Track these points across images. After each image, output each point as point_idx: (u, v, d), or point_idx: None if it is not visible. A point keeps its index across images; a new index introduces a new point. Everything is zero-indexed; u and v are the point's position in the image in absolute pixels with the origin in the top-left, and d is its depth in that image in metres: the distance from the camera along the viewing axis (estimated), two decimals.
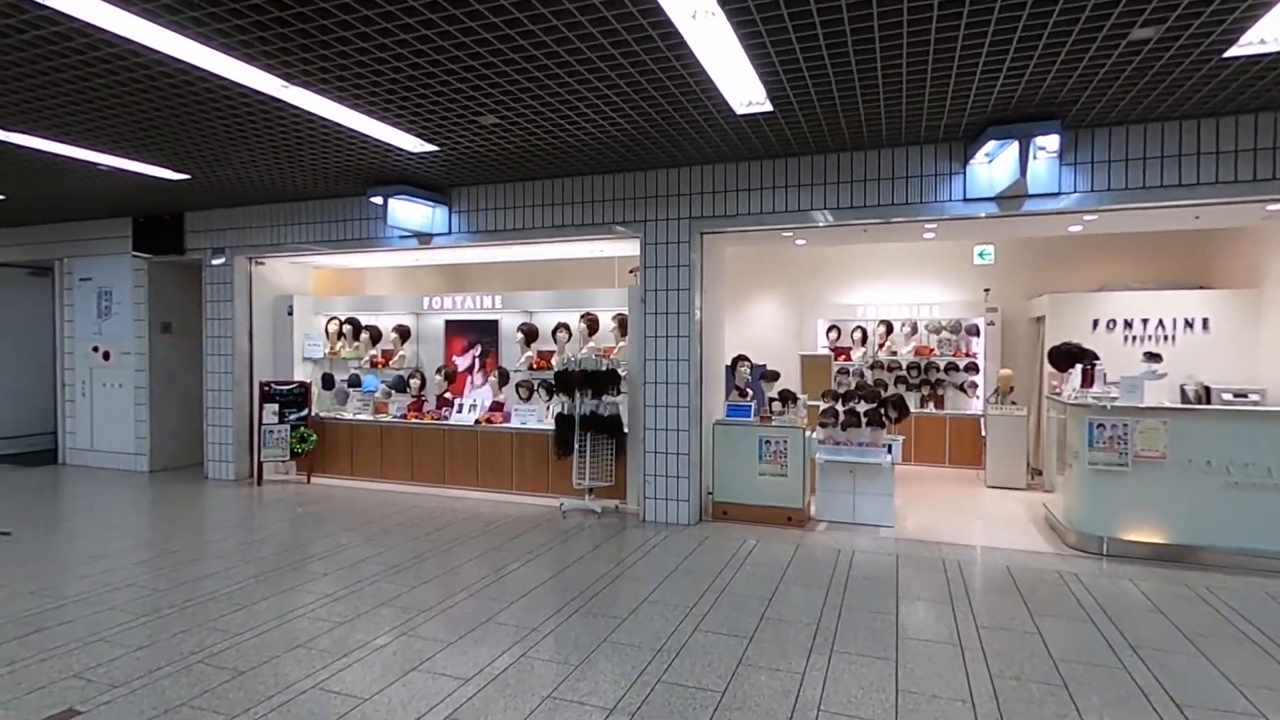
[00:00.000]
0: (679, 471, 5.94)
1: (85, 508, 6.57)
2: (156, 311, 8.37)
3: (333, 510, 6.43)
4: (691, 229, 5.89)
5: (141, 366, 8.34)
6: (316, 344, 8.17)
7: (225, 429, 7.88)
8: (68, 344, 8.88)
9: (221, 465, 7.91)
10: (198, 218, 7.99)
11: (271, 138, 5.14)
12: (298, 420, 7.72)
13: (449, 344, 7.97)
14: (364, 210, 7.12)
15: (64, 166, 5.99)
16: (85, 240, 8.67)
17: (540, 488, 6.85)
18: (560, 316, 7.28)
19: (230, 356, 7.82)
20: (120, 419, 8.51)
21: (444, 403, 7.60)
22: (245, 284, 7.89)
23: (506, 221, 6.55)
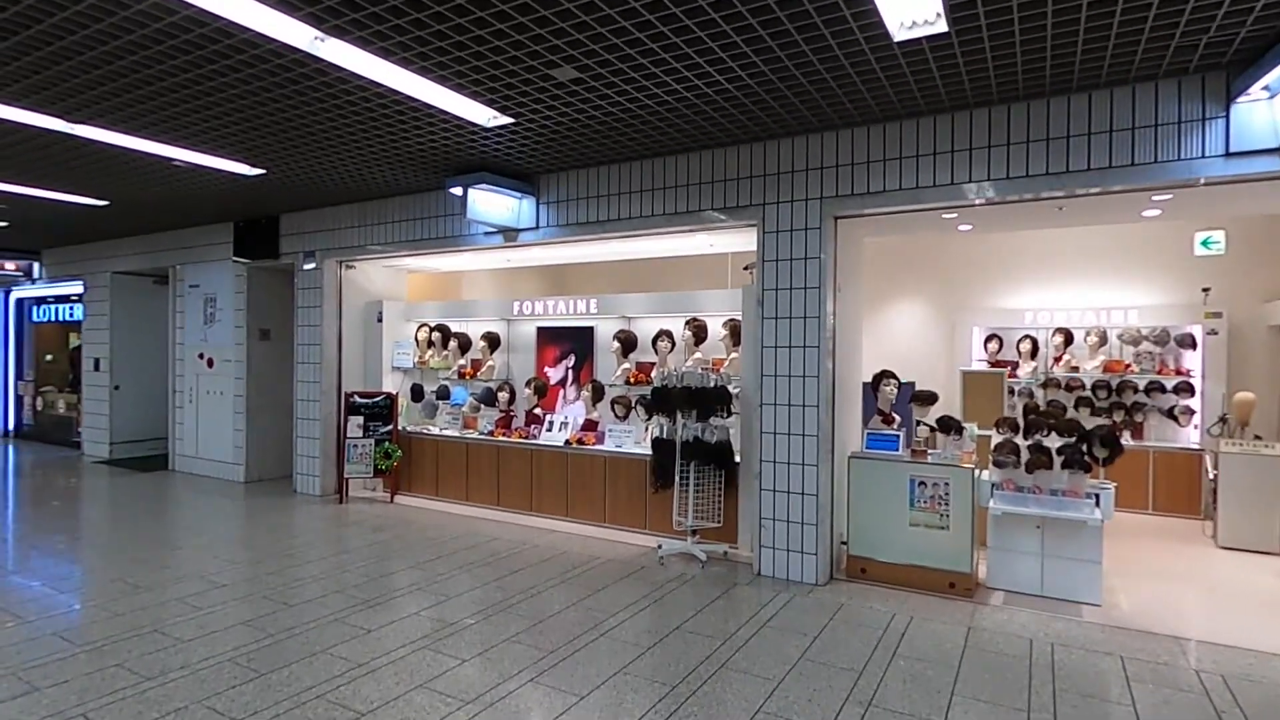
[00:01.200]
0: (804, 516, 4.73)
1: (155, 524, 6.28)
2: (255, 318, 8.19)
3: (412, 538, 5.74)
4: (822, 212, 4.70)
5: (240, 374, 8.18)
6: (406, 353, 7.65)
7: (312, 441, 7.50)
8: (179, 350, 8.93)
9: (308, 479, 7.52)
10: (291, 220, 7.70)
11: (340, 117, 4.49)
12: (382, 435, 7.19)
13: (540, 354, 7.18)
14: (446, 206, 6.46)
15: (143, 165, 5.72)
16: (194, 247, 8.67)
17: (635, 522, 5.86)
18: (662, 322, 6.27)
19: (318, 365, 7.44)
20: (220, 427, 8.40)
21: (533, 419, 6.79)
22: (335, 289, 7.48)
23: (600, 212, 5.63)
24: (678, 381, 5.19)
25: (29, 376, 12.05)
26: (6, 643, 3.63)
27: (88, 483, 8.14)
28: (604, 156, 5.38)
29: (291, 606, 4.18)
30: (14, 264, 10.85)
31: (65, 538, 5.74)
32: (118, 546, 5.49)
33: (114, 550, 5.38)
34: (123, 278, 9.78)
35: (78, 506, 7.01)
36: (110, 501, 7.25)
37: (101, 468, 9.05)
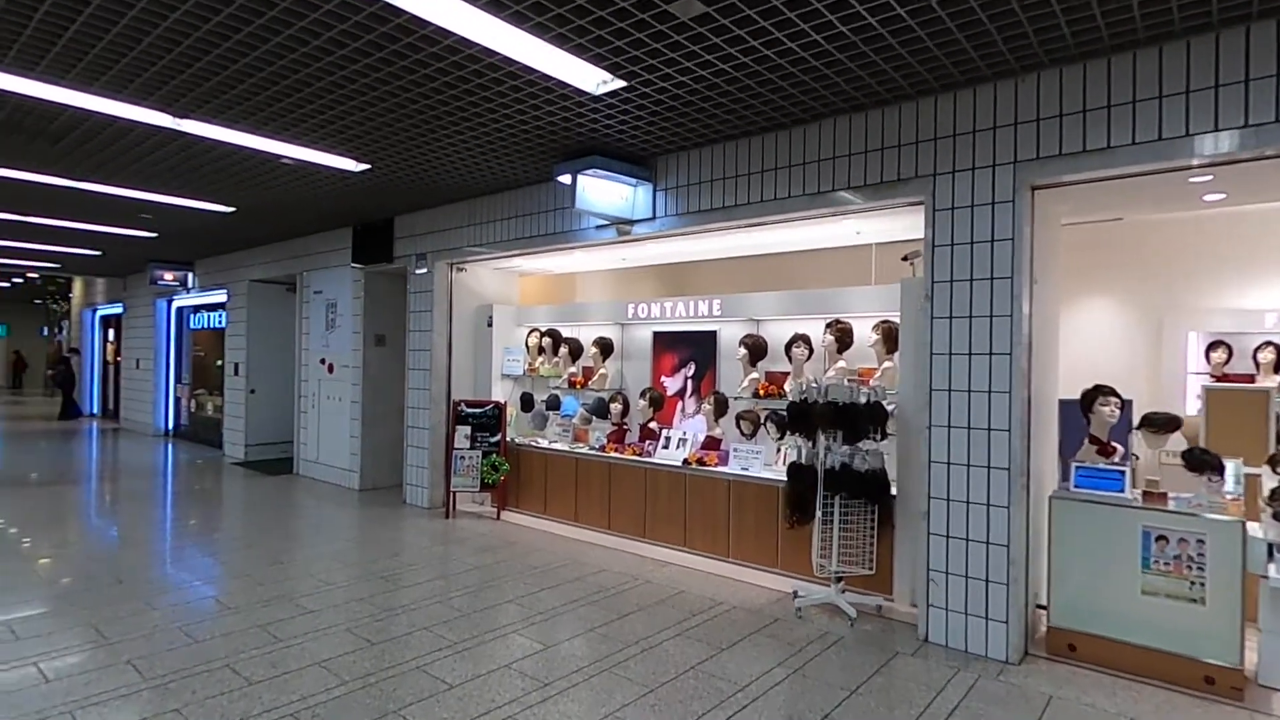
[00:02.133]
0: (989, 571, 3.69)
1: (264, 534, 6.13)
2: (371, 323, 8.08)
3: (515, 564, 5.20)
4: (1016, 181, 3.65)
5: (357, 380, 8.09)
6: (516, 359, 7.20)
7: (421, 451, 7.21)
8: (304, 356, 9.05)
9: (417, 491, 7.24)
10: (405, 222, 7.49)
11: (440, 95, 4.02)
12: (490, 446, 6.76)
13: (657, 361, 6.48)
14: (556, 199, 5.92)
15: (254, 165, 5.58)
16: (317, 254, 8.75)
17: (765, 559, 4.99)
18: (797, 325, 5.38)
19: (428, 372, 7.14)
20: (338, 433, 8.36)
21: (648, 434, 6.09)
22: (445, 292, 7.17)
23: (725, 197, 4.84)
24: (821, 395, 4.28)
25: (185, 379, 12.92)
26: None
27: (218, 484, 8.35)
28: (731, 129, 4.60)
29: (374, 645, 3.69)
30: (172, 274, 11.62)
31: (172, 545, 5.68)
32: (224, 559, 5.32)
33: (220, 562, 5.21)
34: (258, 285, 10.14)
35: (199, 509, 7.10)
36: (231, 507, 7.30)
37: (236, 469, 9.33)
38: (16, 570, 4.84)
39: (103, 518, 6.63)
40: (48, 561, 5.08)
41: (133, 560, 5.13)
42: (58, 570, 4.88)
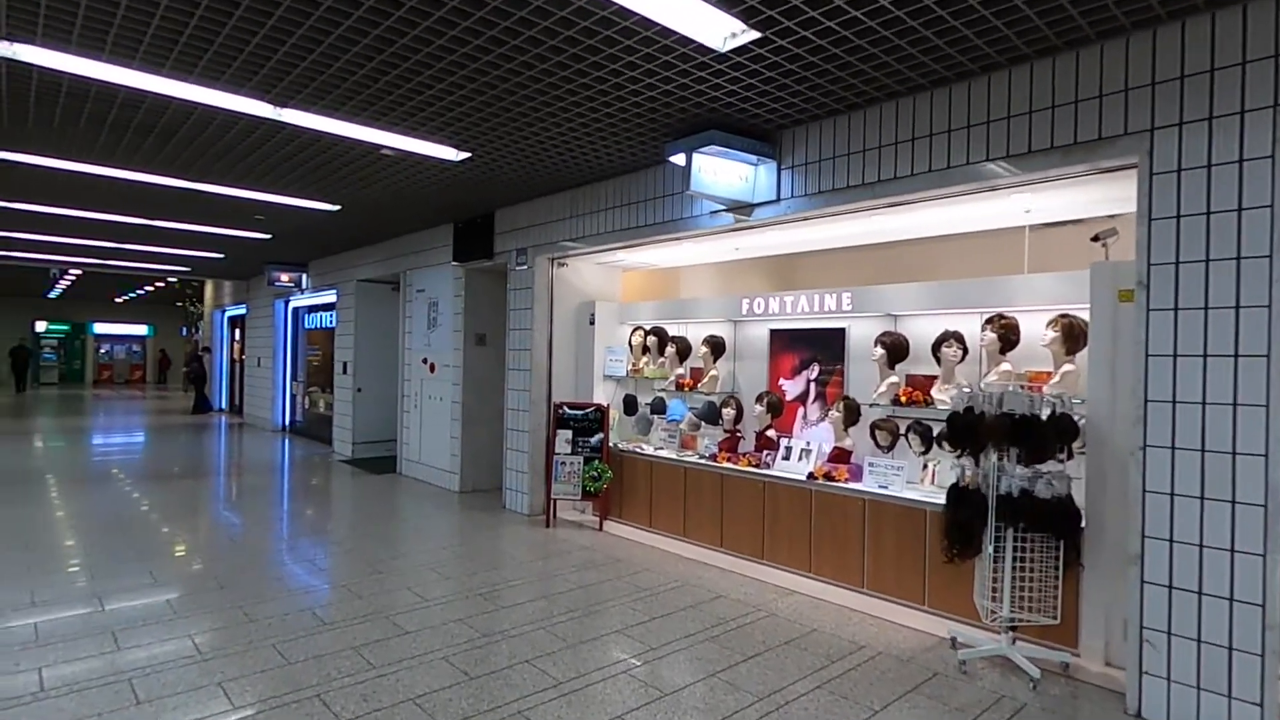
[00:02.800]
0: (1234, 637, 2.85)
1: (363, 539, 5.96)
2: (472, 322, 7.88)
3: (621, 585, 4.74)
4: (1279, 129, 2.80)
5: (457, 380, 7.92)
6: (619, 359, 6.76)
7: (521, 455, 6.90)
8: (407, 355, 9.01)
9: (517, 496, 6.94)
10: (505, 216, 7.22)
11: (545, 63, 3.60)
12: (592, 452, 6.35)
13: (774, 362, 5.85)
14: (666, 184, 5.41)
15: (354, 158, 5.40)
16: (419, 252, 8.67)
17: (909, 594, 4.28)
18: (947, 321, 4.62)
19: (528, 372, 6.82)
20: (439, 433, 8.23)
21: (766, 443, 5.48)
22: (546, 288, 6.83)
23: (864, 171, 4.17)
24: (992, 405, 3.54)
25: (301, 377, 13.40)
26: None
27: (325, 483, 8.41)
28: (876, 90, 3.92)
29: (472, 680, 3.30)
30: (287, 275, 12.02)
31: (276, 548, 5.59)
32: (325, 564, 5.15)
33: (321, 568, 5.04)
34: (365, 285, 10.24)
35: (305, 509, 7.09)
36: (336, 507, 7.26)
37: (344, 467, 9.43)
38: (130, 572, 4.84)
39: (217, 516, 6.72)
40: (154, 568, 5.06)
41: (238, 562, 5.04)
42: (166, 573, 4.84)
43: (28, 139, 5.16)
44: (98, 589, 4.40)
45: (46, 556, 5.04)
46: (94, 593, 4.34)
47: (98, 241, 10.07)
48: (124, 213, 7.87)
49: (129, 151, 5.41)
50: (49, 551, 5.18)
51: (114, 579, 4.61)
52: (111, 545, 5.38)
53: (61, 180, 6.36)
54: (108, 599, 4.23)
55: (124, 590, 4.41)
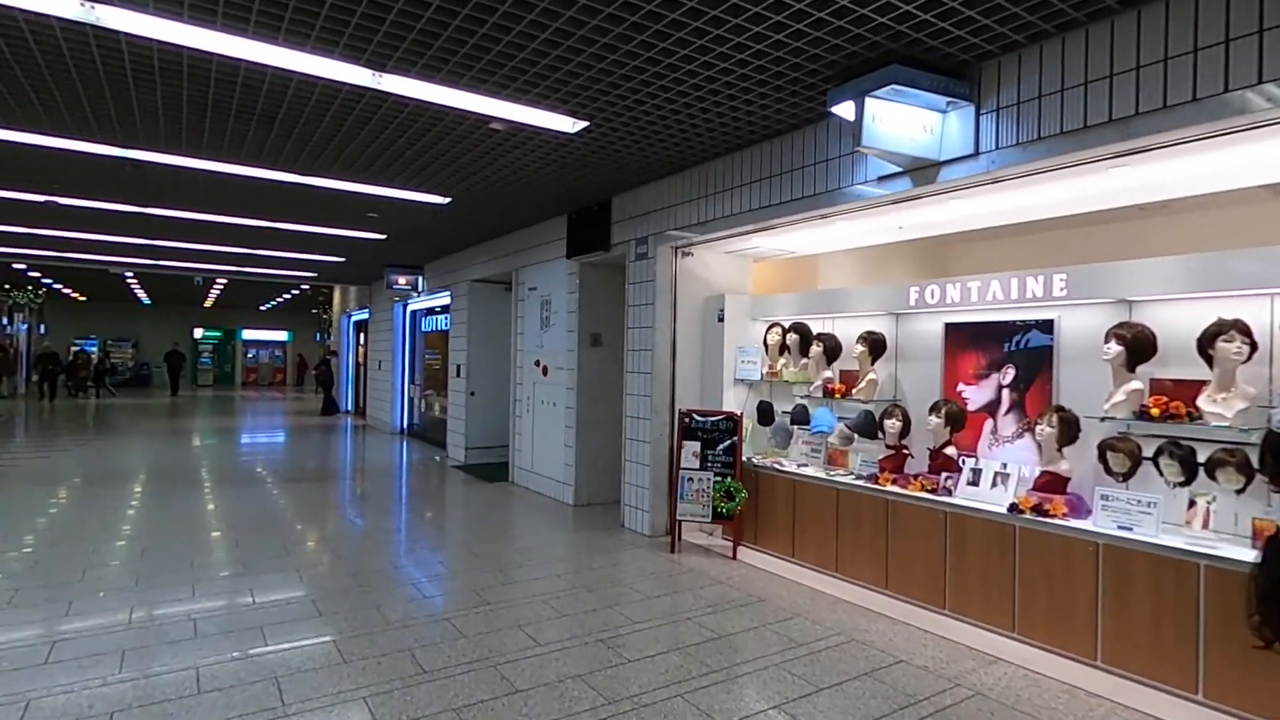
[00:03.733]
0: None
1: (469, 560, 5.40)
2: (587, 321, 7.26)
3: (765, 635, 3.88)
4: None
5: (571, 384, 7.32)
6: (753, 361, 5.89)
7: (641, 468, 6.16)
8: (519, 357, 8.55)
9: (637, 514, 6.21)
10: (623, 203, 6.53)
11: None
12: (723, 467, 5.51)
13: (951, 363, 4.77)
14: (819, 148, 4.49)
15: (463, 137, 4.86)
16: (531, 248, 8.17)
17: (1174, 676, 3.14)
18: (1218, 308, 3.42)
19: (649, 376, 6.08)
20: (552, 441, 7.66)
21: (944, 463, 4.44)
22: (669, 282, 6.07)
23: (1113, 103, 3.08)
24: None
25: (418, 380, 13.43)
26: None
27: (439, 492, 8.07)
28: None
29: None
30: (404, 278, 12.02)
31: (382, 568, 5.13)
32: (431, 591, 4.62)
33: (425, 596, 4.51)
34: (478, 286, 9.94)
35: (416, 522, 6.69)
36: (447, 522, 6.84)
37: (456, 474, 9.12)
38: (226, 591, 4.50)
39: (327, 527, 6.44)
40: (254, 587, 4.71)
41: (341, 582, 4.61)
42: (265, 595, 4.46)
43: (144, 134, 5.00)
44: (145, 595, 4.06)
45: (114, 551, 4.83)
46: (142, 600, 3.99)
47: (232, 248, 10.37)
48: (249, 214, 7.87)
49: (236, 141, 5.15)
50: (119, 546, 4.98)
51: (207, 593, 4.27)
52: (216, 550, 5.12)
53: (188, 180, 6.30)
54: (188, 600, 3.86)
55: (212, 597, 4.04)
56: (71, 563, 4.84)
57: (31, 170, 6.09)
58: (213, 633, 3.72)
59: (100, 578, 4.56)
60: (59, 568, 4.74)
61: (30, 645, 3.51)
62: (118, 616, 3.90)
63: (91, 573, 4.65)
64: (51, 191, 6.63)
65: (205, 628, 3.79)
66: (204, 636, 3.67)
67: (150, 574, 4.65)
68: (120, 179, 6.33)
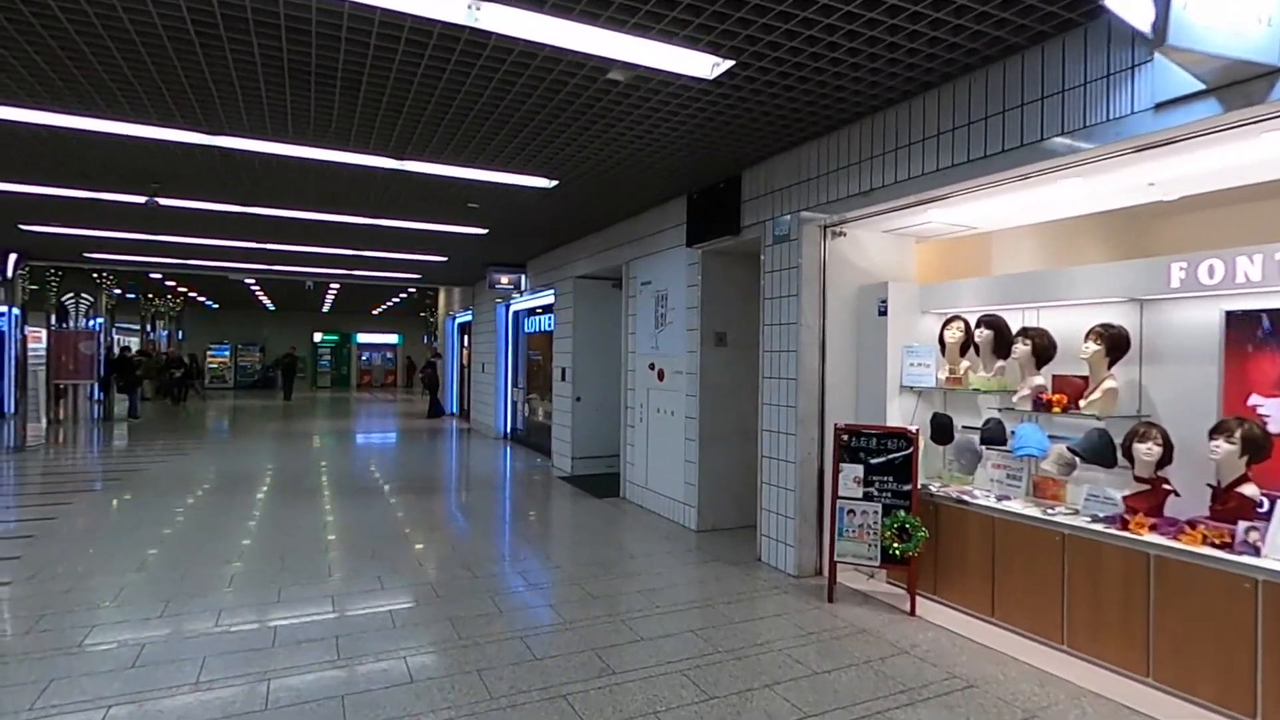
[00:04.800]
0: None
1: (572, 598, 4.54)
2: (710, 318, 6.29)
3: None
4: None
5: (692, 390, 6.38)
6: (925, 363, 4.74)
7: (783, 493, 5.13)
8: (630, 359, 7.70)
9: (778, 548, 5.18)
10: (756, 177, 5.52)
11: None
12: (894, 498, 4.40)
13: (1236, 366, 3.45)
14: (1056, 73, 3.31)
15: (576, 91, 4.02)
16: (645, 237, 7.29)
17: None
18: None
19: (793, 382, 5.04)
20: (670, 454, 6.75)
21: (1240, 507, 3.16)
22: (816, 268, 5.01)
23: None
24: None
25: (521, 384, 12.93)
26: None
27: (544, 507, 7.35)
28: None
29: None
30: (506, 277, 11.51)
31: (472, 616, 4.37)
32: (539, 643, 3.80)
33: (531, 650, 3.69)
34: (584, 282, 9.19)
35: (519, 546, 5.95)
36: (554, 547, 6.05)
37: (563, 486, 8.40)
38: (298, 599, 3.86)
39: (427, 547, 5.81)
40: (340, 637, 4.05)
41: (438, 632, 3.88)
42: (351, 645, 3.78)
43: (225, 113, 4.49)
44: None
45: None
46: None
47: (338, 249, 10.15)
48: (350, 210, 7.45)
49: (322, 116, 4.55)
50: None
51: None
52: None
53: (283, 171, 5.86)
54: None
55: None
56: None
57: (129, 167, 5.81)
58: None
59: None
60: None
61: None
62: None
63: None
64: (153, 192, 6.39)
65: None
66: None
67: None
68: (215, 172, 5.97)
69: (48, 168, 5.81)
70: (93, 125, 4.65)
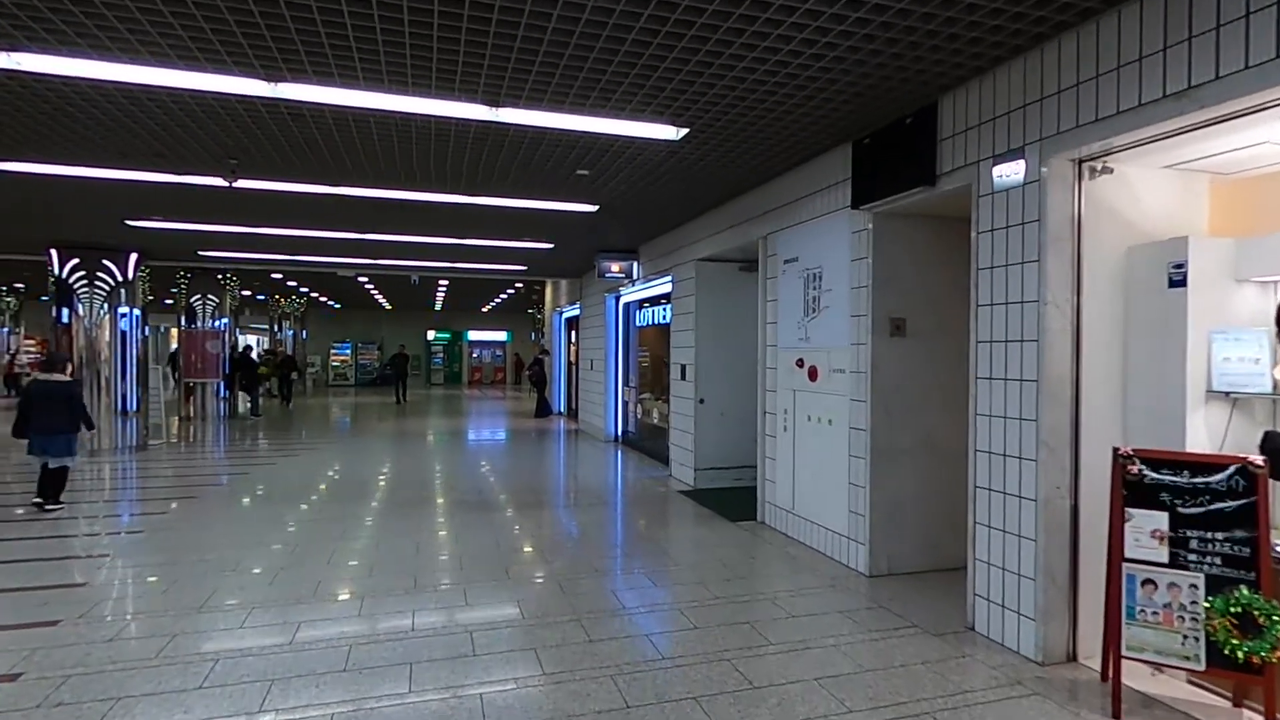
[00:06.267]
0: None
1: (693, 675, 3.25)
2: (883, 300, 4.85)
3: None
4: None
5: (859, 393, 4.96)
6: (1252, 355, 3.13)
7: (1014, 541, 3.63)
8: (769, 354, 6.35)
9: (1004, 617, 3.69)
10: (963, 102, 4.03)
11: None
12: (1231, 566, 2.84)
13: None
14: None
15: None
16: (790, 203, 5.92)
17: None
18: None
19: (1029, 385, 3.54)
20: (828, 474, 5.35)
21: None
22: (1067, 220, 3.49)
23: None
24: None
25: (633, 382, 11.85)
26: None
27: (663, 532, 6.14)
28: None
29: None
30: (618, 265, 10.44)
31: (590, 696, 3.19)
32: None
33: None
34: (707, 267, 7.92)
35: (635, 592, 4.75)
36: (678, 590, 4.81)
37: (685, 504, 7.18)
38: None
39: (539, 588, 4.75)
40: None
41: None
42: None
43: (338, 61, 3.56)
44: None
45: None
46: None
47: (442, 237, 9.43)
48: (447, 187, 6.55)
49: (421, 49, 3.53)
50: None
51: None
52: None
53: (379, 128, 4.98)
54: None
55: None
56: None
57: (203, 134, 5.11)
58: None
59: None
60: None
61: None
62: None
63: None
64: (231, 169, 5.71)
65: None
66: None
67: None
68: (292, 137, 5.17)
69: (124, 143, 5.21)
70: (164, 79, 3.87)
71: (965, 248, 4.05)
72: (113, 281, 10.23)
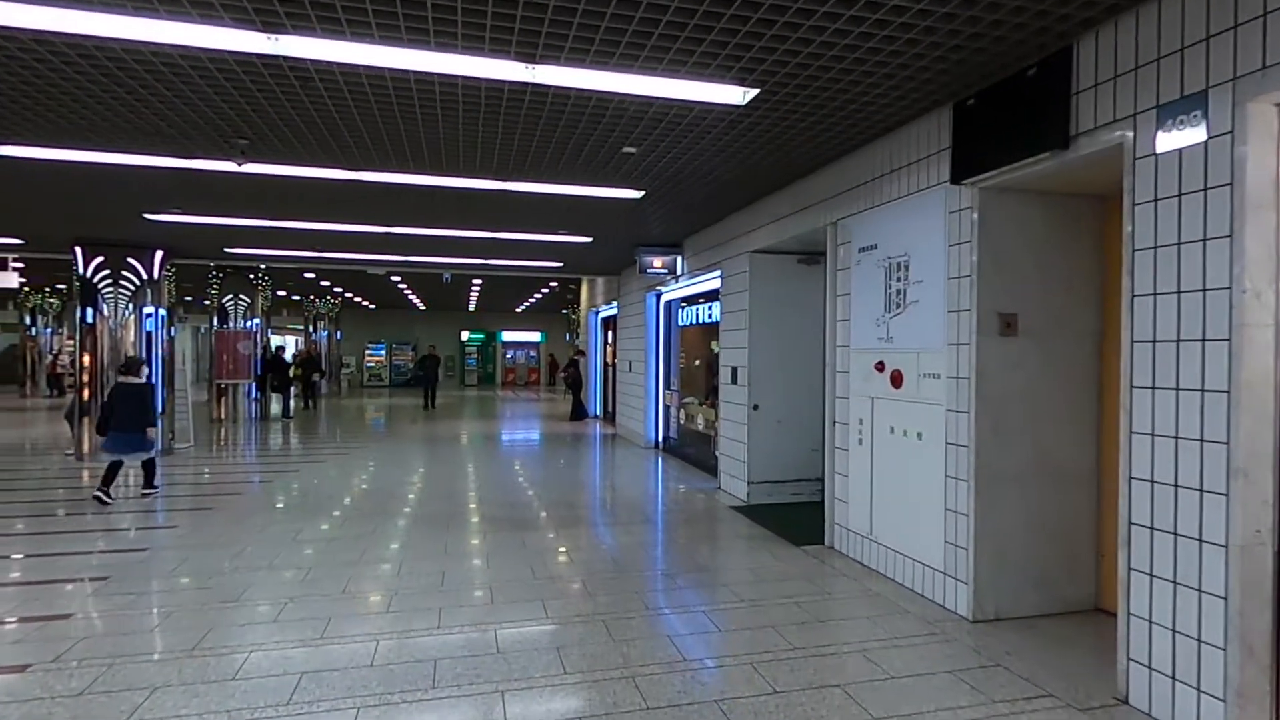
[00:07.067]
0: None
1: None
2: (991, 292, 4.06)
3: None
4: None
5: (959, 403, 4.18)
6: None
7: (1192, 597, 2.83)
8: (839, 356, 5.59)
9: (1177, 692, 2.89)
10: (1108, 43, 3.23)
11: None
12: None
13: None
14: None
15: None
16: (868, 182, 5.15)
17: None
18: None
19: (1218, 396, 2.73)
20: (917, 497, 4.57)
21: None
22: (1270, 183, 2.69)
23: None
24: None
25: (674, 386, 11.14)
26: None
27: (713, 558, 5.42)
28: None
29: None
30: (660, 260, 9.74)
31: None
32: None
33: None
34: (762, 259, 7.18)
35: (689, 625, 4.05)
36: (744, 625, 4.09)
37: (738, 521, 6.45)
38: None
39: (576, 634, 4.08)
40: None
41: None
42: None
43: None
44: None
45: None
46: None
47: (473, 230, 8.86)
48: (475, 172, 5.94)
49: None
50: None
51: None
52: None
53: (398, 93, 4.37)
54: None
55: None
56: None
57: (209, 109, 4.56)
58: None
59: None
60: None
61: None
62: None
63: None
64: (241, 151, 5.18)
65: None
66: None
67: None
68: (304, 109, 4.60)
69: (120, 118, 4.70)
70: (145, 31, 3.30)
71: (1096, 227, 3.30)
72: (138, 280, 9.89)
